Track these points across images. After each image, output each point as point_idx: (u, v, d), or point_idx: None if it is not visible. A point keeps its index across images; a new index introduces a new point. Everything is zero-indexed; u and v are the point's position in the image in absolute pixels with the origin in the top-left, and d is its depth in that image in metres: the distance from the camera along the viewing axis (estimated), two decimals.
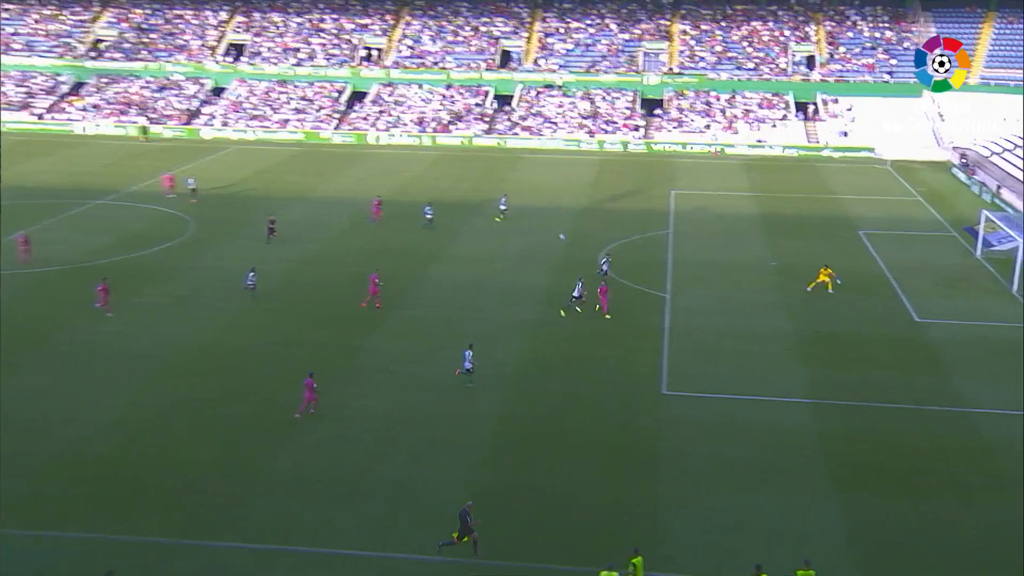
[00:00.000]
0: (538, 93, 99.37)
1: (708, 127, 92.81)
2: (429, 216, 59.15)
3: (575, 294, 44.23)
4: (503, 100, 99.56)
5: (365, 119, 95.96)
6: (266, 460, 30.87)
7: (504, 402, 35.27)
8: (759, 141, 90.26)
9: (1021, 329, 43.65)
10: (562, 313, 44.04)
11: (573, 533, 27.14)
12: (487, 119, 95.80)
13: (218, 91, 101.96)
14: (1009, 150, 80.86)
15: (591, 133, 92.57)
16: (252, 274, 45.97)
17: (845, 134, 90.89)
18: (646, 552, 24.96)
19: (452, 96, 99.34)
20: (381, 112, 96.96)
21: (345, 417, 33.77)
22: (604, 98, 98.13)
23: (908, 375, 38.27)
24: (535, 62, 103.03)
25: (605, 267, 46.84)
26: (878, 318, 44.84)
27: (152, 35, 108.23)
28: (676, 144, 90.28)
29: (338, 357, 38.85)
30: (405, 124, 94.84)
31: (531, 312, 44.91)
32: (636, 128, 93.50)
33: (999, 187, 71.33)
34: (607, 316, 43.54)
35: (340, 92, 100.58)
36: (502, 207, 62.42)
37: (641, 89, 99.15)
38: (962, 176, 78.13)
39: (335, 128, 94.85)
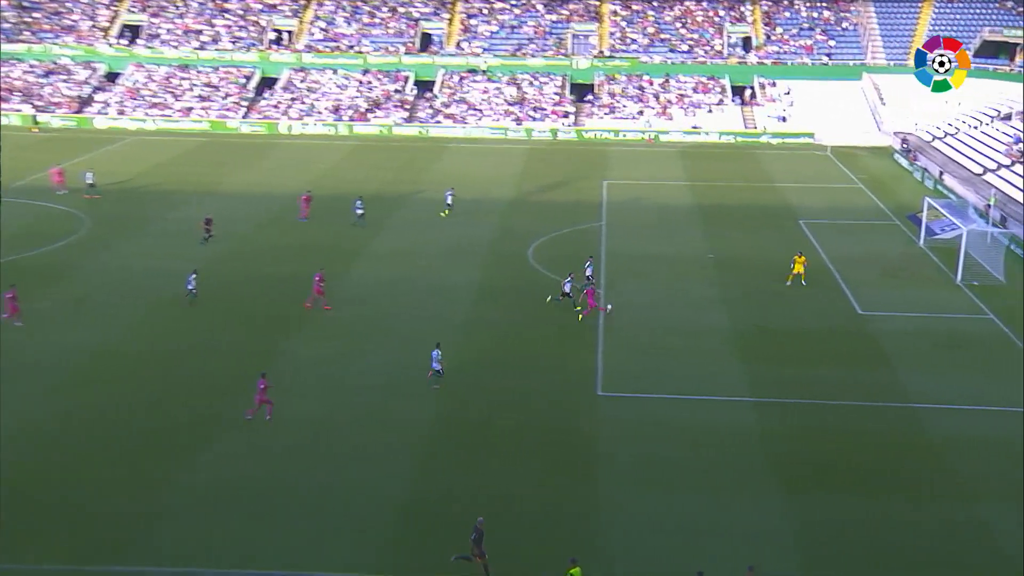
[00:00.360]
0: (461, 78, 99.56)
1: (641, 113, 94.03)
2: (360, 211, 59.07)
3: (565, 290, 44.89)
4: (424, 86, 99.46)
5: (276, 107, 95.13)
6: (177, 475, 30.63)
7: (434, 405, 35.53)
8: (694, 127, 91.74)
9: (966, 320, 45.33)
10: (560, 302, 44.94)
11: (508, 542, 27.44)
12: (407, 106, 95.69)
13: (112, 76, 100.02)
14: (952, 134, 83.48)
15: (518, 121, 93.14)
16: (194, 276, 45.27)
17: (783, 119, 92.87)
18: (584, 561, 25.45)
19: (369, 82, 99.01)
20: (293, 99, 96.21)
21: (264, 425, 33.68)
22: (531, 83, 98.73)
23: (852, 370, 39.45)
24: (458, 45, 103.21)
25: (589, 271, 47.32)
26: (820, 311, 46.08)
27: (36, 14, 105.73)
28: (608, 131, 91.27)
29: (255, 361, 38.56)
30: (319, 112, 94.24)
31: (460, 310, 45.23)
32: (566, 115, 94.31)
33: (942, 173, 73.60)
34: (583, 316, 44.00)
35: (248, 78, 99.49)
36: (448, 201, 62.39)
37: (570, 73, 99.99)
38: (904, 162, 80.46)
39: (243, 117, 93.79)
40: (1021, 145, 72.13)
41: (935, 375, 39.17)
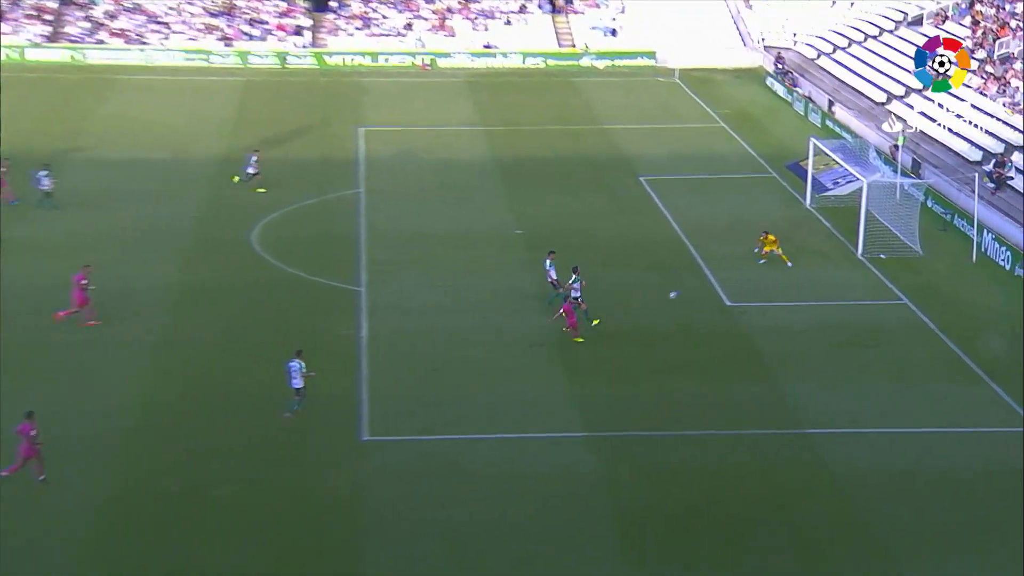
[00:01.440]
0: None
1: (410, 27, 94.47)
2: (45, 187, 57.22)
3: (574, 295, 44.47)
4: None
5: None
6: None
7: (115, 474, 34.59)
8: (487, 47, 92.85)
9: (872, 308, 47.72)
10: (594, 322, 44.40)
11: None
12: (49, 17, 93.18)
13: None
14: (843, 48, 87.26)
15: (227, 40, 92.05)
16: None
17: (612, 32, 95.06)
18: None
19: None
20: None
21: None
22: None
23: (721, 384, 40.80)
24: None
25: (551, 273, 46.91)
26: (674, 304, 47.27)
27: None
28: (362, 55, 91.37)
29: None
30: None
31: (149, 326, 44.53)
32: (298, 32, 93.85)
33: (831, 103, 76.97)
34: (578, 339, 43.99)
35: None
36: (250, 170, 60.94)
37: None
38: (780, 89, 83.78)
39: None
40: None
41: (832, 387, 40.90)
